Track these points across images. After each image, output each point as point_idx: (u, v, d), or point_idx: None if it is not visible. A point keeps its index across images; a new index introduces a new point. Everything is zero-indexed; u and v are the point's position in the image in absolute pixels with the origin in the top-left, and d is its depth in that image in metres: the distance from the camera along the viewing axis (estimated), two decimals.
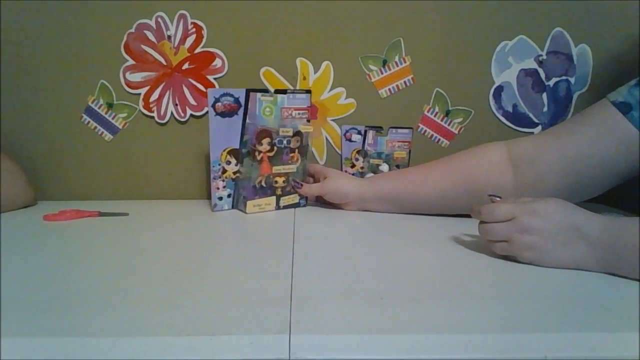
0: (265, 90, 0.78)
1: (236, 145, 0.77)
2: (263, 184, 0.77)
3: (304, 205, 0.82)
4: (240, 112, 0.76)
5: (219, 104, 0.74)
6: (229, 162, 0.77)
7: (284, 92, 0.78)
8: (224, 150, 0.77)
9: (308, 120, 0.80)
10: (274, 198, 0.79)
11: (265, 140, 0.76)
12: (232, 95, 0.75)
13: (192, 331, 0.37)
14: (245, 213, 0.76)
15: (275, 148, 0.77)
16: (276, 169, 0.78)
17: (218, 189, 0.78)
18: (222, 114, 0.75)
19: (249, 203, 0.76)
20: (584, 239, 0.49)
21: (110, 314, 0.40)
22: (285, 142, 0.78)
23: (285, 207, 0.80)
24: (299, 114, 0.79)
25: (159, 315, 0.40)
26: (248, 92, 0.76)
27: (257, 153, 0.76)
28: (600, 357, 0.36)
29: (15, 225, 0.70)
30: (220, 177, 0.77)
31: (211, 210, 0.78)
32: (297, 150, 0.80)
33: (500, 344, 0.37)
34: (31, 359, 0.35)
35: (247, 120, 0.77)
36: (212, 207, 0.78)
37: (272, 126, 0.76)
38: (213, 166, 0.76)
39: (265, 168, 0.77)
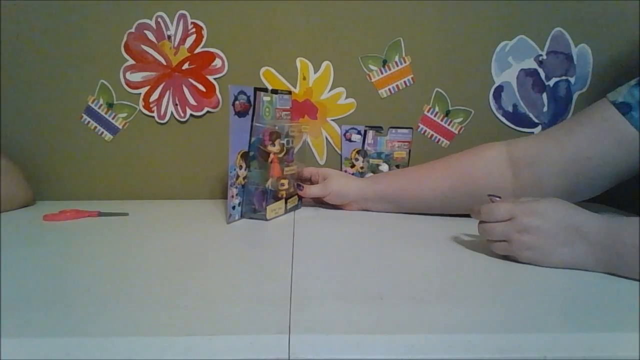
0: (266, 90, 0.77)
1: (246, 147, 0.71)
2: (271, 187, 0.73)
3: (300, 207, 0.82)
4: (251, 111, 0.71)
5: (237, 102, 0.67)
6: (240, 167, 0.71)
7: (275, 92, 0.76)
8: (238, 154, 0.70)
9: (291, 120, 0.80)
10: (283, 201, 0.75)
11: (277, 141, 0.72)
12: (245, 94, 0.69)
13: (192, 331, 0.37)
14: (267, 220, 0.71)
15: (285, 149, 0.74)
16: (286, 170, 0.75)
17: (232, 197, 0.70)
18: (239, 114, 0.68)
19: (268, 208, 0.71)
20: (584, 238, 0.49)
21: (110, 314, 0.40)
22: (290, 142, 0.76)
23: (290, 209, 0.78)
24: (285, 114, 0.79)
25: (159, 315, 0.40)
26: (256, 90, 0.71)
27: (269, 155, 0.72)
28: (600, 357, 0.36)
29: (14, 225, 0.70)
30: (234, 184, 0.70)
31: (227, 223, 0.70)
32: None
33: (500, 344, 0.37)
34: (31, 359, 0.35)
35: (255, 122, 0.72)
36: (227, 218, 0.71)
37: (270, 126, 0.73)
38: (230, 172, 0.69)
39: (277, 170, 0.73)
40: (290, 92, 0.80)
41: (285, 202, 0.76)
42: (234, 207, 0.71)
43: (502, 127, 0.88)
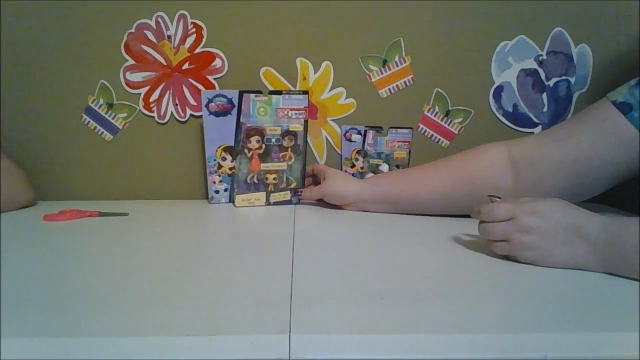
0: (259, 92, 0.79)
1: (231, 142, 0.81)
2: (255, 180, 0.81)
3: (296, 203, 0.83)
4: (234, 111, 0.80)
5: (212, 104, 0.79)
6: (224, 159, 0.82)
7: (278, 92, 0.79)
8: (219, 147, 0.81)
9: (306, 121, 0.81)
10: (263, 194, 0.81)
11: (254, 138, 0.79)
12: (225, 96, 0.79)
13: (192, 331, 0.37)
14: (235, 207, 0.80)
15: (264, 146, 0.80)
16: (265, 165, 0.81)
17: (214, 182, 0.83)
18: (216, 114, 0.79)
19: (237, 197, 0.80)
20: (584, 238, 0.49)
21: (110, 314, 0.40)
22: (274, 140, 0.80)
23: (276, 203, 0.82)
24: (295, 114, 0.80)
25: (159, 315, 0.40)
26: (241, 93, 0.79)
27: (247, 150, 0.79)
28: (600, 357, 0.36)
29: (15, 225, 0.70)
30: (216, 172, 0.82)
31: (208, 202, 0.83)
32: (290, 149, 0.80)
33: (500, 344, 0.37)
34: (31, 359, 0.35)
35: (242, 120, 0.79)
36: (209, 199, 0.83)
37: (267, 125, 0.79)
38: (208, 162, 0.81)
39: (255, 164, 0.80)
40: (306, 92, 0.81)
41: (268, 195, 0.82)
42: (217, 192, 0.84)
43: (502, 127, 0.88)
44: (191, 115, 0.86)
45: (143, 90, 0.85)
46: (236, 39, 0.84)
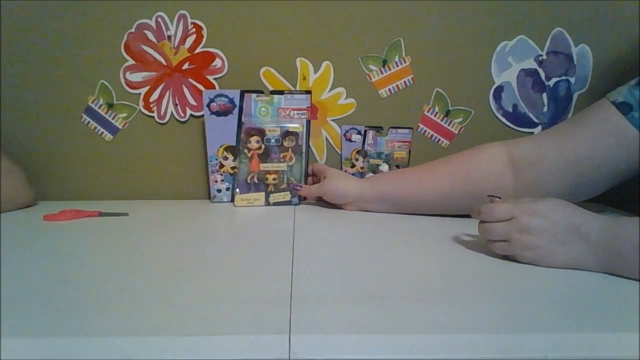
0: (260, 91, 0.79)
1: (233, 142, 0.82)
2: (255, 180, 0.81)
3: (297, 204, 0.83)
4: (235, 111, 0.81)
5: (214, 104, 0.80)
6: (226, 158, 0.83)
7: (280, 92, 0.80)
8: (221, 147, 0.82)
9: (308, 121, 0.81)
10: (263, 194, 0.81)
11: (254, 139, 0.80)
12: (226, 96, 0.81)
13: (192, 331, 0.37)
14: (235, 206, 0.81)
15: (263, 146, 0.80)
16: (264, 166, 0.81)
17: (216, 182, 0.84)
18: (217, 113, 0.80)
19: (237, 197, 0.81)
20: (584, 238, 0.49)
21: (110, 314, 0.40)
22: (273, 140, 0.80)
23: (276, 203, 0.82)
24: (297, 114, 0.80)
25: (159, 315, 0.40)
26: (242, 93, 0.80)
27: (247, 150, 0.80)
28: (600, 357, 0.36)
29: (15, 225, 0.70)
30: (217, 171, 0.83)
31: (211, 201, 0.84)
32: (290, 150, 0.80)
33: (500, 344, 0.37)
34: (31, 359, 0.35)
35: (243, 120, 0.81)
36: (212, 198, 0.84)
37: (268, 125, 0.79)
38: (210, 161, 0.82)
39: (255, 165, 0.81)
40: (309, 92, 0.81)
41: (267, 195, 0.81)
42: (219, 191, 0.84)
43: (502, 127, 0.88)
44: (191, 115, 0.86)
45: (143, 90, 0.85)
46: (236, 39, 0.84)
